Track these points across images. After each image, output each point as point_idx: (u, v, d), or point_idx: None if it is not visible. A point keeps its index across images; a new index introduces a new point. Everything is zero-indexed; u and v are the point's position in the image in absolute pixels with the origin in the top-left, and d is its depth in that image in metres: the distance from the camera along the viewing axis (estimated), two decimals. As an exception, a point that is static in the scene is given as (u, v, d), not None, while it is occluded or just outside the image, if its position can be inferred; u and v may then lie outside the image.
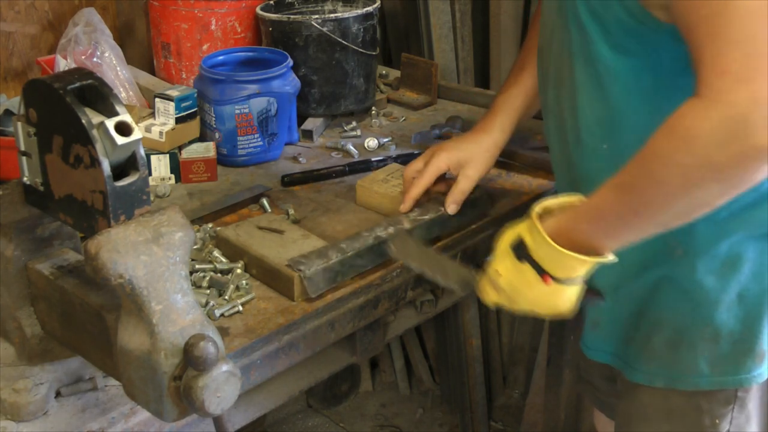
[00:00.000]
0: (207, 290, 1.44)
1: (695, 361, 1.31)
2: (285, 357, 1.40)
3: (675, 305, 1.31)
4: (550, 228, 1.20)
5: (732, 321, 1.28)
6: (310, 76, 2.06)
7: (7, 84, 2.13)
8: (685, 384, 1.33)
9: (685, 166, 1.06)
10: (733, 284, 1.27)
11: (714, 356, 1.30)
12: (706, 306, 1.29)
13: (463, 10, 2.49)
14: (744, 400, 1.33)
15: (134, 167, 1.06)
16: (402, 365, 2.97)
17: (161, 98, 1.87)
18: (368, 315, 1.51)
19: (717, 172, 1.05)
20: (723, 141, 1.02)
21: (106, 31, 2.06)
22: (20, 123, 1.12)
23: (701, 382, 1.32)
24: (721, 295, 1.28)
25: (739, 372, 1.31)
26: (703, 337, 1.30)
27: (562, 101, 1.34)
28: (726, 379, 1.31)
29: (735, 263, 1.27)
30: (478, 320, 2.66)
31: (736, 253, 1.26)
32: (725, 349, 1.30)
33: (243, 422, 1.45)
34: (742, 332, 1.29)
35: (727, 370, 1.31)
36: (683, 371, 1.32)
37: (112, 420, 1.20)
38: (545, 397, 2.43)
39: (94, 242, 1.02)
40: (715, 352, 1.30)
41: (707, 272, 1.27)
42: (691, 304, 1.29)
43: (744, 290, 1.28)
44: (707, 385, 1.32)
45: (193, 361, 1.02)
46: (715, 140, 1.03)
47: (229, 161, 1.93)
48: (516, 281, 1.25)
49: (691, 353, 1.31)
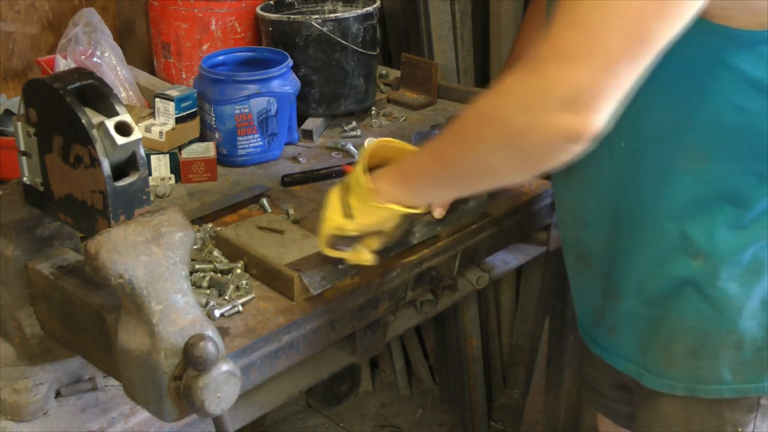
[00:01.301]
0: (207, 290, 1.44)
1: (717, 368, 1.29)
2: (285, 357, 1.40)
3: (697, 312, 1.28)
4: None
5: (755, 328, 1.26)
6: (310, 76, 2.06)
7: (7, 84, 2.13)
8: (706, 392, 1.31)
9: (483, 118, 1.10)
10: (757, 291, 1.25)
11: (737, 364, 1.28)
12: (730, 313, 1.26)
13: (463, 10, 2.49)
14: (767, 408, 1.31)
15: (134, 167, 1.06)
16: (402, 365, 2.97)
17: (161, 98, 1.87)
18: (368, 315, 1.51)
19: (507, 135, 1.07)
20: (521, 106, 1.05)
21: (106, 31, 2.06)
22: (20, 123, 1.12)
23: (723, 390, 1.30)
24: (744, 302, 1.26)
25: (763, 379, 1.29)
26: (726, 344, 1.28)
27: None
28: (749, 386, 1.29)
29: (758, 270, 1.25)
30: (478, 320, 2.66)
31: (759, 260, 1.24)
32: (748, 356, 1.28)
33: (243, 422, 1.45)
34: (766, 339, 1.27)
35: (751, 378, 1.29)
36: (705, 379, 1.30)
37: (112, 420, 1.20)
38: (545, 397, 2.43)
39: (94, 242, 1.02)
40: (738, 360, 1.28)
41: (730, 279, 1.25)
42: (713, 311, 1.27)
43: (767, 297, 1.26)
44: (729, 393, 1.30)
45: (193, 361, 1.02)
46: (516, 102, 1.06)
47: (229, 161, 1.93)
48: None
49: (714, 360, 1.29)
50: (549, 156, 1.08)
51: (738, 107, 1.16)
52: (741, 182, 1.21)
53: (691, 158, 1.21)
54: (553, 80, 1.03)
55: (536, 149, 1.07)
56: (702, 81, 1.16)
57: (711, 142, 1.19)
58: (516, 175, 1.15)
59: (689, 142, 1.20)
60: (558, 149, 1.06)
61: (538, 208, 1.80)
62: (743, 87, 1.15)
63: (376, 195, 1.26)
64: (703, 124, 1.19)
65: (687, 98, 1.17)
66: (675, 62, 1.17)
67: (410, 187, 1.26)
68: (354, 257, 1.36)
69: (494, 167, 1.13)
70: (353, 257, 1.37)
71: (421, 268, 1.57)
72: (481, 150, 1.12)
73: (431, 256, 1.58)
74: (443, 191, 1.25)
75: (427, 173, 1.23)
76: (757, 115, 1.17)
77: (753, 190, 1.21)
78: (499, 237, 1.73)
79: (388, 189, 1.27)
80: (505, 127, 1.07)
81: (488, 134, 1.10)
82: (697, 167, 1.21)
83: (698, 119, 1.19)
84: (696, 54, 1.16)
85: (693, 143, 1.20)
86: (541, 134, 1.04)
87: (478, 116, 1.12)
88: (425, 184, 1.25)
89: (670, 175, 1.23)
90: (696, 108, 1.15)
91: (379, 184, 1.27)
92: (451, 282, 1.74)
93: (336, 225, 1.31)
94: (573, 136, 1.04)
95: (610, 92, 1.03)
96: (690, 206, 1.24)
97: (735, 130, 1.18)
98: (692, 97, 1.17)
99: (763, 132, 1.18)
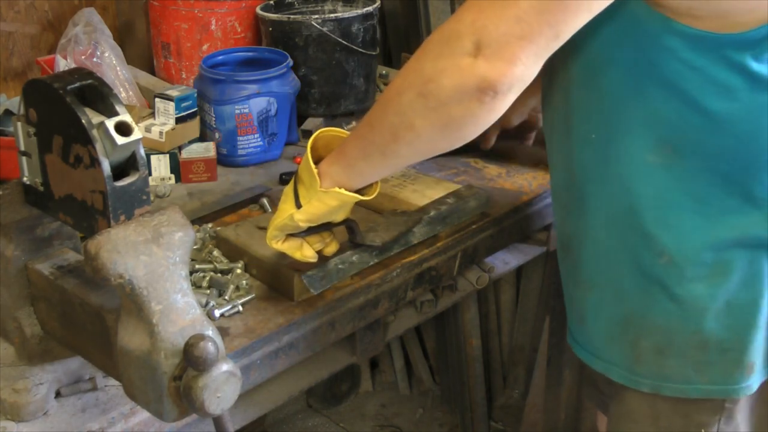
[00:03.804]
0: (207, 290, 1.44)
1: (683, 367, 1.29)
2: (285, 357, 1.40)
3: (663, 309, 1.28)
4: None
5: (720, 329, 1.26)
6: (310, 76, 2.06)
7: (7, 84, 2.13)
8: (671, 390, 1.31)
9: (405, 72, 1.13)
10: (722, 292, 1.25)
11: (702, 364, 1.28)
12: (694, 313, 1.26)
13: (463, 10, 2.49)
14: (732, 412, 1.31)
15: (134, 167, 1.06)
16: (402, 365, 2.97)
17: (161, 98, 1.87)
18: (368, 315, 1.51)
19: (422, 84, 1.09)
20: (437, 54, 1.08)
21: (106, 31, 2.06)
22: (20, 123, 1.12)
23: (689, 389, 1.30)
24: (709, 303, 1.25)
25: (728, 382, 1.28)
26: (692, 344, 1.28)
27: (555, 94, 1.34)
28: (713, 388, 1.29)
29: (724, 271, 1.24)
30: (478, 320, 2.66)
31: (725, 261, 1.24)
32: (713, 357, 1.28)
33: (243, 422, 1.45)
34: (731, 341, 1.27)
35: (715, 380, 1.29)
36: (671, 377, 1.30)
37: (112, 420, 1.20)
38: (545, 397, 2.43)
39: (94, 242, 1.02)
40: (702, 360, 1.28)
41: (695, 279, 1.25)
42: (679, 310, 1.27)
43: (733, 299, 1.25)
44: (695, 393, 1.30)
45: (193, 361, 1.01)
46: (431, 49, 1.09)
47: (229, 161, 1.93)
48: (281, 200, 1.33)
49: (679, 360, 1.29)
50: (461, 105, 1.08)
51: (702, 108, 1.17)
52: (707, 182, 1.21)
53: (659, 153, 1.21)
54: (465, 26, 1.06)
55: (447, 97, 1.08)
56: (668, 79, 1.17)
57: (679, 139, 1.20)
58: (434, 132, 1.14)
59: (657, 137, 1.21)
60: (469, 97, 1.07)
61: (538, 208, 1.80)
62: (708, 88, 1.16)
63: (321, 179, 1.26)
64: (669, 121, 1.19)
65: (654, 94, 1.18)
66: (642, 59, 1.17)
67: (347, 160, 1.25)
68: (296, 252, 1.36)
69: (413, 124, 1.13)
70: (296, 252, 1.36)
71: (421, 268, 1.57)
72: (398, 103, 1.13)
73: (431, 256, 1.58)
74: (373, 163, 1.23)
75: (358, 141, 1.24)
76: (722, 116, 1.17)
77: (718, 190, 1.21)
78: (499, 237, 1.73)
79: (329, 168, 1.26)
80: (420, 76, 1.10)
81: (405, 86, 1.12)
82: (668, 164, 1.21)
83: (665, 115, 1.19)
84: (662, 53, 1.16)
85: (660, 138, 1.20)
86: (452, 79, 1.06)
87: (401, 72, 1.15)
88: (358, 156, 1.24)
89: (638, 168, 1.23)
90: (662, 105, 1.15)
91: (322, 166, 1.27)
92: (451, 282, 1.75)
93: (286, 215, 1.31)
94: (483, 84, 1.05)
95: (519, 43, 1.04)
96: (657, 203, 1.24)
97: (700, 130, 1.18)
98: (659, 93, 1.17)
99: (728, 133, 1.18)
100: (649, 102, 1.19)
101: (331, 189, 1.25)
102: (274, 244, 1.35)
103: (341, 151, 1.26)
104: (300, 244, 1.35)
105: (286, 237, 1.35)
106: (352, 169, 1.25)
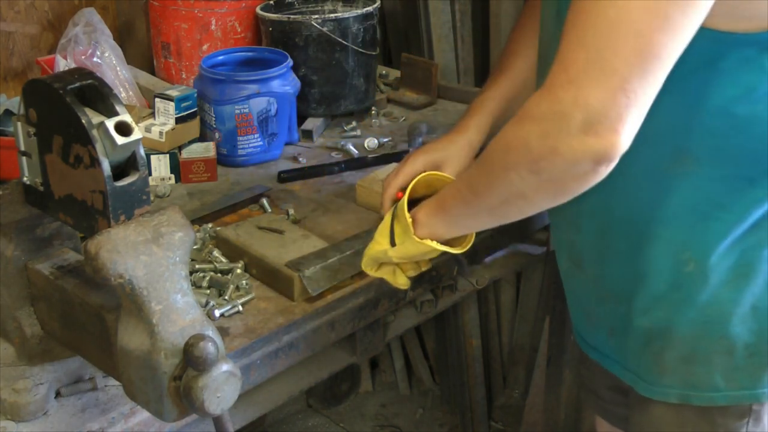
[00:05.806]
0: (207, 290, 1.44)
1: (710, 375, 1.28)
2: (285, 357, 1.40)
3: (687, 318, 1.27)
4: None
5: (747, 334, 1.25)
6: (310, 76, 2.06)
7: (7, 84, 2.13)
8: (699, 399, 1.30)
9: (508, 147, 1.11)
10: (747, 296, 1.24)
11: (729, 370, 1.27)
12: (720, 318, 1.25)
13: (463, 10, 2.49)
14: (759, 414, 1.30)
15: (134, 167, 1.06)
16: (402, 365, 2.97)
17: (161, 98, 1.87)
18: (368, 315, 1.51)
19: (532, 162, 1.08)
20: (542, 132, 1.05)
21: (106, 31, 2.06)
22: (20, 123, 1.12)
23: (717, 397, 1.29)
24: (734, 308, 1.25)
25: (755, 386, 1.28)
26: (718, 350, 1.27)
27: None
28: (741, 393, 1.28)
29: (747, 273, 1.24)
30: (478, 320, 2.66)
31: (749, 264, 1.23)
32: (740, 362, 1.27)
33: (243, 422, 1.45)
34: (757, 345, 1.26)
35: (743, 385, 1.28)
36: (698, 385, 1.29)
37: (112, 420, 1.20)
38: (545, 397, 2.43)
39: (94, 242, 1.02)
40: (730, 366, 1.27)
41: (720, 284, 1.24)
42: (704, 317, 1.26)
43: (758, 302, 1.25)
44: (722, 401, 1.29)
45: (193, 361, 1.01)
46: (537, 129, 1.06)
47: (229, 161, 1.93)
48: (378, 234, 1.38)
49: (706, 367, 1.28)
50: (577, 179, 1.08)
51: (725, 111, 1.16)
52: (729, 187, 1.21)
53: (682, 163, 1.21)
54: (568, 105, 1.02)
55: (562, 174, 1.07)
56: (690, 84, 1.16)
57: (700, 146, 1.19)
58: (547, 200, 1.15)
59: (680, 147, 1.20)
60: (585, 171, 1.06)
61: (538, 208, 1.79)
62: (731, 90, 1.15)
63: (416, 228, 1.30)
64: (692, 128, 1.18)
65: (675, 103, 1.17)
66: None
67: (447, 217, 1.28)
68: (391, 279, 1.40)
69: (524, 194, 1.13)
70: (390, 279, 1.40)
71: (421, 268, 1.57)
72: (508, 179, 1.12)
73: (431, 256, 1.58)
74: (479, 220, 1.27)
75: (461, 203, 1.25)
76: (744, 118, 1.16)
77: (741, 195, 1.21)
78: (499, 237, 1.73)
79: (427, 220, 1.30)
80: (530, 155, 1.07)
81: (514, 163, 1.10)
82: (688, 172, 1.21)
83: (688, 123, 1.18)
84: (684, 57, 1.15)
85: (684, 148, 1.20)
86: (565, 158, 1.04)
87: (503, 145, 1.13)
88: (461, 214, 1.27)
89: (661, 180, 1.23)
90: (684, 112, 1.14)
91: (420, 214, 1.31)
92: (451, 282, 1.74)
93: (381, 249, 1.36)
94: (598, 158, 1.04)
95: (627, 110, 1.03)
96: (682, 212, 1.23)
97: (723, 134, 1.17)
98: (680, 101, 1.16)
99: (751, 136, 1.17)
100: (670, 112, 1.17)
101: (426, 241, 1.29)
102: (368, 270, 1.40)
103: (442, 206, 1.29)
104: (393, 270, 1.39)
105: (381, 264, 1.39)
106: (455, 224, 1.29)
